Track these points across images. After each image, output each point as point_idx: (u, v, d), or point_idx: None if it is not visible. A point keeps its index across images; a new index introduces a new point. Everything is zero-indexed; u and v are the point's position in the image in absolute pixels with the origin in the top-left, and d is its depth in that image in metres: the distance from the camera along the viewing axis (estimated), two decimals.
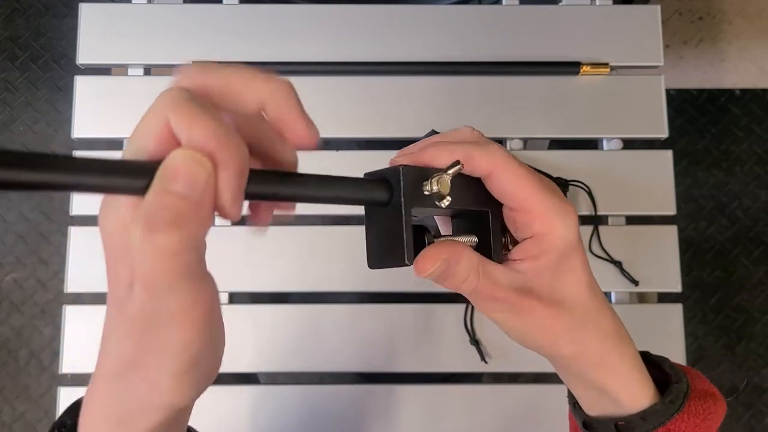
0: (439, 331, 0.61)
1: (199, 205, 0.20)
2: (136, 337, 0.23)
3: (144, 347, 0.23)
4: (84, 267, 0.61)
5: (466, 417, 0.60)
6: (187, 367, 0.23)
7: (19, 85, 1.48)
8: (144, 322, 0.22)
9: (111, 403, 0.25)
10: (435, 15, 0.66)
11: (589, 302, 0.31)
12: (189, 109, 0.20)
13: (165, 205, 0.19)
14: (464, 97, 0.64)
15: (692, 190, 1.44)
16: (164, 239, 0.20)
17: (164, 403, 0.24)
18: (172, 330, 0.22)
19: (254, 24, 0.65)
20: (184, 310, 0.22)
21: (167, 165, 0.20)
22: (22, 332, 1.38)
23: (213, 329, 0.23)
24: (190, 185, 0.19)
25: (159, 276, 0.21)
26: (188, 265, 0.21)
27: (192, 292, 0.21)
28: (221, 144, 0.20)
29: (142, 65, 0.65)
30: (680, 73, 1.48)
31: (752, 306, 1.40)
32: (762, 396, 1.36)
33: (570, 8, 0.67)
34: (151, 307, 0.22)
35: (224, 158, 0.20)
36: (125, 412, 0.24)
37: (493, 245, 0.30)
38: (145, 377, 0.23)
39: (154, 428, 0.24)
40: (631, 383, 0.32)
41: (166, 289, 0.21)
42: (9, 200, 1.44)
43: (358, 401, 0.60)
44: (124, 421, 0.24)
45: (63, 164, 0.18)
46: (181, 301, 0.21)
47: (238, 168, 0.20)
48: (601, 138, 0.65)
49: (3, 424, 1.34)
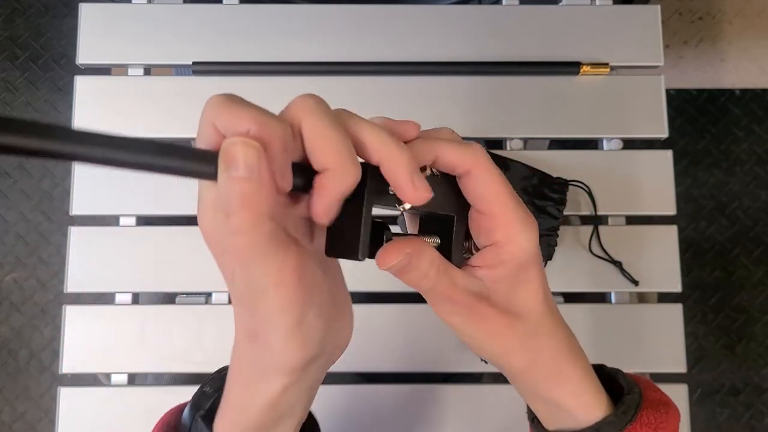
0: (439, 331, 0.61)
1: (260, 183, 0.22)
2: (247, 310, 0.26)
3: (255, 316, 0.26)
4: (84, 267, 0.61)
5: (466, 417, 0.60)
6: (293, 328, 0.25)
7: (19, 85, 1.48)
8: (248, 294, 0.25)
9: (241, 369, 0.28)
10: (435, 15, 0.66)
11: (544, 315, 0.31)
12: (227, 107, 0.23)
13: (233, 189, 0.22)
14: (464, 97, 0.64)
15: (692, 190, 1.44)
16: (239, 220, 0.22)
17: (280, 363, 0.26)
18: (269, 295, 0.24)
19: (254, 24, 0.65)
20: (274, 276, 0.24)
21: (223, 153, 0.22)
22: (22, 332, 1.38)
23: (310, 289, 0.25)
24: (246, 167, 0.22)
25: (246, 251, 0.23)
26: (267, 236, 0.23)
27: (278, 257, 0.24)
28: (261, 125, 0.22)
29: (142, 65, 0.65)
30: (680, 73, 1.48)
31: (752, 306, 1.40)
32: (762, 396, 1.36)
33: (570, 8, 0.67)
34: (248, 280, 0.24)
35: (266, 137, 0.22)
36: (253, 376, 0.28)
37: (453, 249, 0.30)
38: (263, 343, 0.26)
39: (279, 393, 0.27)
40: (583, 395, 0.33)
41: (255, 261, 0.24)
42: (9, 200, 1.44)
43: (358, 401, 0.60)
44: (252, 386, 0.28)
45: (143, 146, 0.20)
46: (269, 267, 0.24)
47: (281, 143, 0.23)
48: (601, 138, 0.65)
49: (3, 424, 1.34)
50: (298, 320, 0.25)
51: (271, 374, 0.27)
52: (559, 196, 0.60)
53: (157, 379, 0.65)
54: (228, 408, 0.30)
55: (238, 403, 0.29)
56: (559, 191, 0.60)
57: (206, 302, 0.61)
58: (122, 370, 0.60)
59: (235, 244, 0.23)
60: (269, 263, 0.24)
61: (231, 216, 0.22)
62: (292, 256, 0.24)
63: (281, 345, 0.26)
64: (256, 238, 0.23)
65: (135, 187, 0.63)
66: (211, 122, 0.23)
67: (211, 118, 0.23)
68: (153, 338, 0.60)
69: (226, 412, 0.30)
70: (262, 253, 0.23)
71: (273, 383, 0.27)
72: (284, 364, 0.26)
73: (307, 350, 0.26)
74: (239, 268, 0.24)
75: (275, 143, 0.22)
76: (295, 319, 0.25)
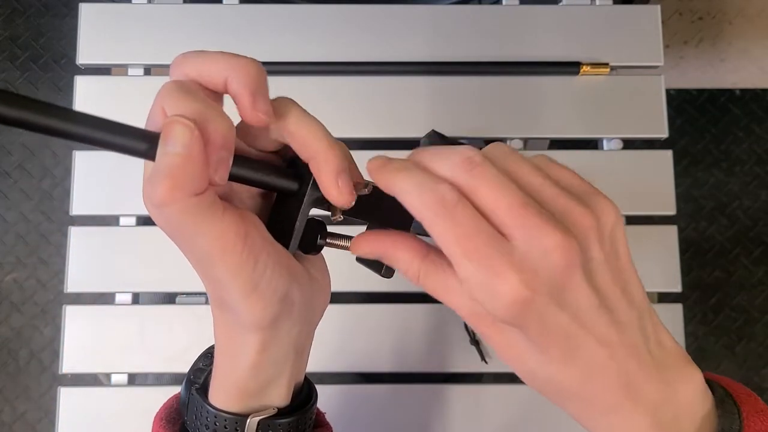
0: (439, 332, 0.61)
1: (188, 159, 0.23)
2: (206, 279, 0.27)
3: (213, 284, 0.27)
4: (84, 267, 0.61)
5: (467, 417, 0.60)
6: (247, 289, 0.26)
7: (19, 85, 1.48)
8: (200, 265, 0.26)
9: (220, 338, 0.30)
10: (435, 15, 0.66)
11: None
12: (176, 94, 0.24)
13: (161, 162, 0.23)
14: (464, 97, 0.64)
15: (692, 190, 1.44)
16: (162, 190, 0.23)
17: (248, 322, 0.27)
18: (215, 262, 0.25)
19: (254, 24, 0.65)
20: (214, 244, 0.25)
21: (162, 133, 0.23)
22: (22, 332, 1.38)
23: (258, 251, 0.26)
24: (179, 143, 0.23)
25: (176, 222, 0.24)
26: (196, 207, 0.24)
27: (214, 226, 0.24)
28: (201, 115, 0.23)
29: (142, 65, 0.65)
30: (680, 73, 1.48)
31: (752, 306, 1.40)
32: (762, 396, 1.36)
33: (570, 8, 0.67)
34: (194, 250, 0.26)
35: (209, 128, 0.23)
36: (231, 342, 0.29)
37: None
38: (228, 307, 0.27)
39: (257, 352, 0.28)
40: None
41: (191, 231, 0.24)
42: (9, 200, 1.44)
43: (358, 401, 0.60)
44: (231, 352, 0.29)
45: (87, 119, 0.23)
46: (207, 236, 0.25)
47: (221, 137, 0.24)
48: (601, 138, 0.65)
49: (3, 424, 1.34)
50: (250, 281, 0.26)
51: (244, 335, 0.28)
52: None
53: (157, 379, 0.65)
54: (217, 377, 0.31)
55: (224, 371, 0.30)
56: None
57: (206, 302, 0.61)
58: (122, 370, 0.60)
59: (163, 216, 0.24)
60: (206, 232, 0.24)
61: (155, 186, 0.23)
62: (231, 223, 0.25)
63: (243, 305, 0.27)
64: (184, 209, 0.23)
65: (135, 187, 0.62)
66: (160, 105, 0.24)
67: (160, 101, 0.24)
68: (153, 338, 0.60)
69: (215, 381, 0.31)
70: (194, 223, 0.24)
71: (248, 344, 0.28)
72: (251, 323, 0.27)
73: (270, 307, 0.27)
74: (180, 240, 0.25)
75: (216, 137, 0.24)
76: (246, 281, 0.26)
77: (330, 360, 0.60)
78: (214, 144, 0.24)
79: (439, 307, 0.61)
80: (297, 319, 0.29)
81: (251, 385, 0.30)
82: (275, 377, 0.30)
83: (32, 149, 1.46)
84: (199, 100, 0.24)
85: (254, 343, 0.28)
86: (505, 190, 0.24)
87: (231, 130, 0.24)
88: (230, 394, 0.30)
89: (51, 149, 1.46)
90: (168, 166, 0.23)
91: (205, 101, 0.24)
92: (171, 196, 0.23)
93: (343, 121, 0.63)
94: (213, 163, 0.24)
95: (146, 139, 0.24)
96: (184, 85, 0.25)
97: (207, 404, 0.30)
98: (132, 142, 0.23)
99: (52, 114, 0.21)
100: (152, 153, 0.23)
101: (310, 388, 0.35)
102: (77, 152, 0.63)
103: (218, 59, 0.25)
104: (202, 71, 0.25)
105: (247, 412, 0.30)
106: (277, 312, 0.28)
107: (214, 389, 0.31)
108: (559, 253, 0.23)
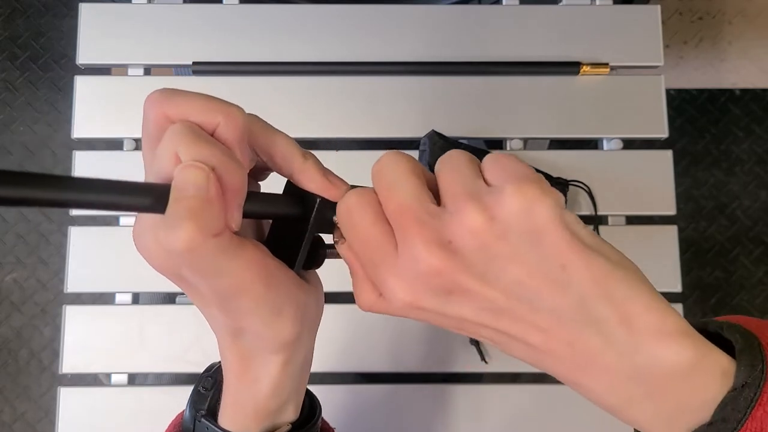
0: (439, 331, 0.61)
1: (208, 201, 0.23)
2: (222, 312, 0.27)
3: (232, 316, 0.27)
4: (84, 267, 0.61)
5: (467, 417, 0.60)
6: (276, 314, 0.27)
7: (19, 85, 1.48)
8: (218, 300, 0.26)
9: (234, 364, 0.29)
10: (435, 15, 0.66)
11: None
12: (191, 139, 0.23)
13: (179, 206, 0.23)
14: (464, 97, 0.64)
15: (692, 190, 1.44)
16: (185, 234, 0.22)
17: (274, 344, 0.28)
18: (242, 298, 0.25)
19: (254, 24, 0.65)
20: (241, 280, 0.25)
21: (176, 180, 0.23)
22: (22, 332, 1.38)
23: (277, 278, 0.26)
24: (195, 186, 0.22)
25: (199, 265, 0.24)
26: (218, 246, 0.23)
27: (238, 263, 0.24)
28: (220, 161, 0.23)
29: (142, 65, 0.65)
30: (680, 73, 1.48)
31: (752, 306, 1.40)
32: None
33: (570, 8, 0.67)
34: (215, 289, 0.25)
35: (223, 174, 0.23)
36: (250, 366, 0.29)
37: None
38: (250, 333, 0.28)
39: (280, 371, 0.29)
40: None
41: (214, 272, 0.24)
42: None
43: (358, 401, 0.60)
44: (250, 375, 0.29)
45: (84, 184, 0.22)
46: (233, 274, 0.25)
47: (238, 182, 0.24)
48: (601, 138, 0.65)
49: (3, 424, 1.34)
50: (275, 307, 0.27)
51: (266, 357, 0.29)
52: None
53: (157, 379, 0.65)
54: (232, 402, 0.30)
55: (242, 395, 0.30)
56: (559, 191, 0.60)
57: None
58: (122, 370, 0.60)
59: (185, 262, 0.23)
60: (231, 270, 0.24)
61: (174, 229, 0.22)
62: (252, 256, 0.25)
63: (269, 330, 0.27)
64: (208, 251, 0.23)
65: None
66: (173, 149, 0.23)
67: (173, 146, 0.23)
68: (153, 338, 0.60)
69: (230, 406, 0.31)
70: (218, 263, 0.24)
71: (272, 364, 0.29)
72: (278, 344, 0.28)
73: (297, 325, 0.28)
74: (199, 282, 0.25)
75: (234, 183, 0.24)
76: (271, 310, 0.26)
77: (330, 360, 0.60)
78: (232, 191, 0.24)
79: None
80: (312, 327, 0.31)
81: (272, 404, 0.30)
82: (292, 393, 0.31)
83: (32, 149, 1.46)
84: (216, 146, 0.24)
85: (278, 362, 0.29)
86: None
87: (245, 176, 0.24)
88: (248, 416, 0.30)
89: (51, 149, 1.46)
90: (187, 209, 0.22)
91: (221, 147, 0.24)
92: (194, 240, 0.22)
93: (343, 121, 0.63)
94: (230, 210, 0.24)
95: (156, 192, 0.23)
96: (196, 129, 0.24)
97: (220, 429, 0.30)
98: (143, 200, 0.23)
99: (50, 186, 0.20)
100: (161, 206, 0.23)
101: (311, 398, 0.35)
102: (77, 152, 0.63)
103: (211, 105, 0.25)
104: (191, 114, 0.25)
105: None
106: (302, 326, 0.28)
107: (227, 415, 0.31)
108: (427, 267, 0.24)
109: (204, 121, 0.24)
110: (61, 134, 1.47)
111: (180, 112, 0.25)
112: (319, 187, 0.27)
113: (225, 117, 0.24)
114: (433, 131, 0.61)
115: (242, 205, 0.25)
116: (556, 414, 0.60)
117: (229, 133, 0.25)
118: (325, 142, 0.66)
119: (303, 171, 0.27)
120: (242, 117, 0.25)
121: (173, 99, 0.25)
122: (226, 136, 0.25)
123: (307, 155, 0.27)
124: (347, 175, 0.28)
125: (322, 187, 0.27)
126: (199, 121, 0.24)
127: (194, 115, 0.24)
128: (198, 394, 0.33)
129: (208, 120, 0.24)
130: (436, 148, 0.60)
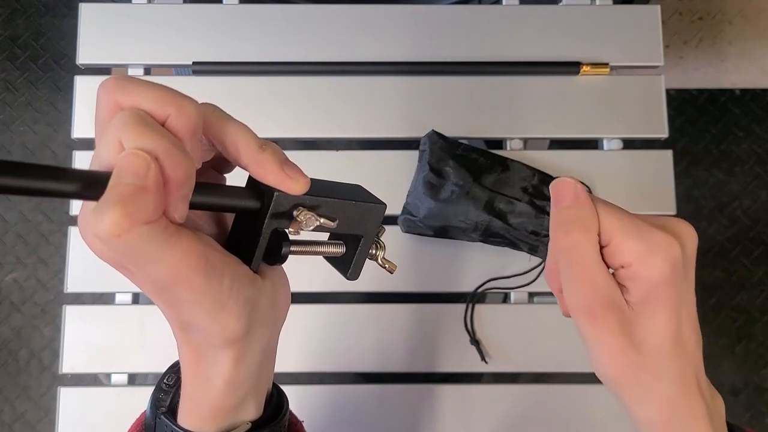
0: (439, 331, 0.61)
1: (142, 188, 0.22)
2: (165, 305, 0.26)
3: (175, 309, 0.26)
4: (84, 267, 0.61)
5: (467, 417, 0.60)
6: (218, 308, 0.26)
7: (19, 85, 1.48)
8: (158, 292, 0.25)
9: (187, 359, 0.29)
10: (435, 15, 0.66)
11: (667, 356, 0.29)
12: (137, 127, 0.23)
13: (111, 193, 0.22)
14: (464, 97, 0.64)
15: (692, 190, 1.44)
16: (108, 216, 0.21)
17: (220, 339, 0.27)
18: (178, 289, 0.24)
19: (254, 24, 0.65)
20: (176, 269, 0.24)
21: (116, 167, 0.22)
22: (22, 332, 1.38)
23: (220, 270, 0.25)
24: (134, 174, 0.22)
25: (128, 252, 0.22)
26: (149, 234, 0.22)
27: (172, 252, 0.23)
28: (165, 150, 0.22)
29: (142, 65, 0.65)
30: (680, 73, 1.48)
31: (752, 306, 1.40)
32: (762, 396, 1.36)
33: (570, 8, 0.67)
34: (149, 278, 0.24)
35: (168, 163, 0.22)
36: (201, 361, 0.28)
37: (355, 260, 0.32)
38: (196, 328, 0.27)
39: (231, 368, 0.28)
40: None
41: (144, 260, 0.23)
42: (9, 200, 1.44)
43: (359, 401, 0.60)
44: (203, 371, 0.28)
45: (31, 170, 0.21)
46: (166, 263, 0.23)
47: (183, 173, 0.23)
48: (601, 138, 0.65)
49: (3, 424, 1.34)
50: (217, 301, 0.25)
51: (215, 353, 0.28)
52: None
53: (156, 378, 0.65)
54: (188, 399, 0.30)
55: (197, 393, 0.29)
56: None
57: None
58: (122, 370, 0.60)
59: (112, 248, 0.22)
60: (163, 259, 0.23)
61: (101, 215, 0.21)
62: (189, 246, 0.24)
63: (213, 325, 0.26)
64: (135, 238, 0.22)
65: None
66: (117, 137, 0.23)
67: (117, 134, 0.23)
68: (153, 338, 0.60)
69: (186, 404, 0.30)
70: (148, 252, 0.23)
71: (222, 361, 0.28)
72: (224, 339, 0.27)
73: (242, 319, 0.27)
74: (134, 269, 0.24)
75: (179, 175, 0.23)
76: (213, 301, 0.25)
77: (329, 360, 0.60)
78: (176, 182, 0.23)
79: (440, 307, 0.61)
80: (265, 325, 0.29)
81: (228, 402, 0.29)
82: (250, 390, 0.30)
83: (32, 149, 1.46)
84: (163, 136, 0.23)
85: (228, 358, 0.28)
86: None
87: (192, 167, 0.23)
88: (204, 415, 0.29)
89: (51, 149, 1.46)
90: (118, 195, 0.21)
91: (169, 136, 0.23)
92: (119, 225, 0.21)
93: (343, 121, 0.63)
94: (173, 201, 0.23)
95: (95, 180, 0.22)
96: (144, 118, 0.23)
97: (178, 428, 0.30)
98: (81, 187, 0.22)
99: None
100: (99, 193, 0.22)
101: (280, 395, 0.34)
102: (77, 152, 0.63)
103: (162, 95, 0.24)
104: (142, 104, 0.24)
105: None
106: (251, 321, 0.27)
107: (185, 412, 0.30)
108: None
109: (154, 110, 0.24)
110: (61, 134, 1.47)
111: (131, 101, 0.24)
112: (276, 179, 0.26)
113: (176, 108, 0.24)
114: (433, 131, 0.61)
115: (188, 197, 0.24)
116: (556, 414, 0.60)
117: (180, 125, 0.24)
118: (324, 142, 0.66)
119: (259, 162, 0.26)
120: (194, 108, 0.24)
121: (126, 87, 0.24)
122: (176, 127, 0.24)
123: (265, 146, 0.26)
124: (347, 175, 0.28)
125: (278, 179, 0.26)
126: (150, 111, 0.24)
127: (145, 104, 0.24)
128: (160, 390, 0.32)
129: (159, 110, 0.24)
130: (436, 148, 0.60)
